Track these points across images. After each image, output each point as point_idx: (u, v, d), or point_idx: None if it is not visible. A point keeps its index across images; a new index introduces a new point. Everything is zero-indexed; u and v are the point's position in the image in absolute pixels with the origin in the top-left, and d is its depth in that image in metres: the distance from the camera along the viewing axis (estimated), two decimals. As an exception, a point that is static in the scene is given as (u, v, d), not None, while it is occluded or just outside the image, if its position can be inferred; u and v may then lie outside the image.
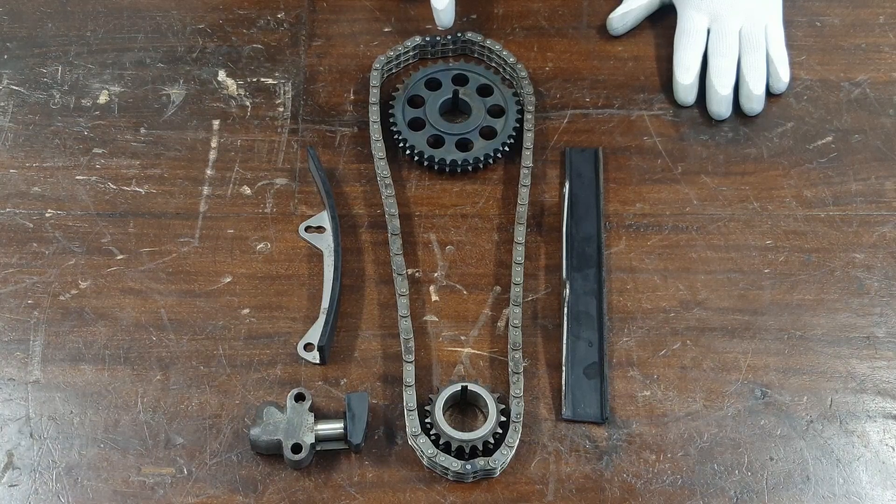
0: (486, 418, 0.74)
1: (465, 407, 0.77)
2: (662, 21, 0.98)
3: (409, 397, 0.75)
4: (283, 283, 0.82)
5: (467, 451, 0.73)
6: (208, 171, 0.88)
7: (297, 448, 0.72)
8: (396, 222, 0.83)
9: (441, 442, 0.73)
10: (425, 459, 0.73)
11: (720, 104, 0.89)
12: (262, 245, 0.84)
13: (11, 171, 0.88)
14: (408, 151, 0.88)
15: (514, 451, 0.74)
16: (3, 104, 0.92)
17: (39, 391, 0.77)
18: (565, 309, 0.80)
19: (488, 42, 0.93)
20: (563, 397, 0.76)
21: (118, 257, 0.83)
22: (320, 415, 0.75)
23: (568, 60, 0.95)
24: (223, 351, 0.79)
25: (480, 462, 0.72)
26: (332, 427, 0.73)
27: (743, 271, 0.83)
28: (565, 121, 0.91)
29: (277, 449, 0.73)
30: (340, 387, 0.78)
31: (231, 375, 0.78)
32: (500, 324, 0.81)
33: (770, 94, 0.91)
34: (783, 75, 0.90)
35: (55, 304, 0.81)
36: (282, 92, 0.93)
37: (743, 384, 0.78)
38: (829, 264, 0.83)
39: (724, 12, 0.91)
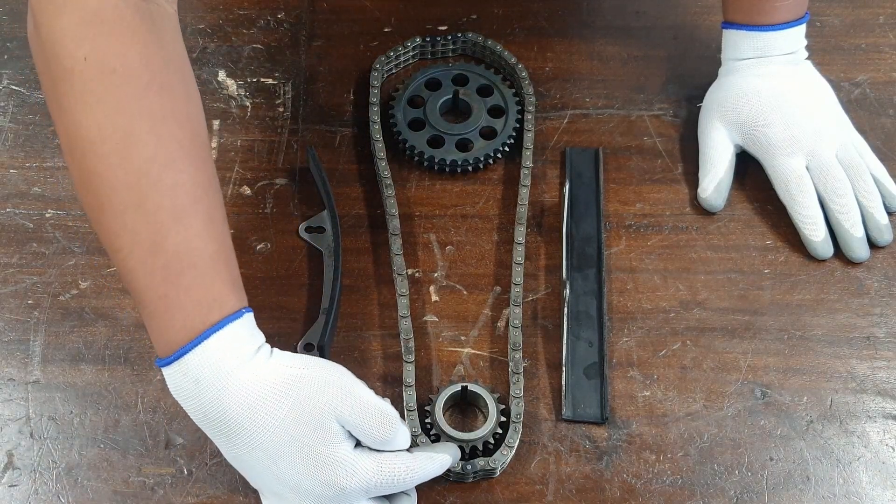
0: (486, 418, 0.74)
1: (465, 407, 0.77)
2: (662, 21, 0.98)
3: (409, 397, 0.75)
4: (283, 283, 0.82)
5: (467, 451, 0.73)
6: (208, 171, 0.88)
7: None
8: (396, 222, 0.83)
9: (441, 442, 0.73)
10: (425, 459, 0.73)
11: (860, 247, 0.82)
12: (262, 245, 0.84)
13: (11, 171, 0.88)
14: (408, 151, 0.88)
15: (514, 452, 0.74)
16: (3, 104, 0.92)
17: (39, 391, 0.77)
18: (565, 309, 0.80)
19: (489, 42, 0.93)
20: (563, 397, 0.76)
21: (118, 257, 0.83)
22: (320, 415, 0.75)
23: (568, 61, 0.95)
24: (223, 351, 0.79)
25: (480, 462, 0.72)
26: (333, 427, 0.73)
27: (743, 271, 0.83)
28: (565, 121, 0.91)
29: (277, 449, 0.73)
30: (340, 387, 0.77)
31: (231, 375, 0.78)
32: (500, 324, 0.81)
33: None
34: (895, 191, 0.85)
35: (55, 304, 0.81)
36: (282, 92, 0.93)
37: (743, 384, 0.78)
38: (830, 264, 0.83)
39: (818, 146, 0.83)
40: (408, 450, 0.68)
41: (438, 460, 0.69)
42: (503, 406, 0.75)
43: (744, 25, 0.85)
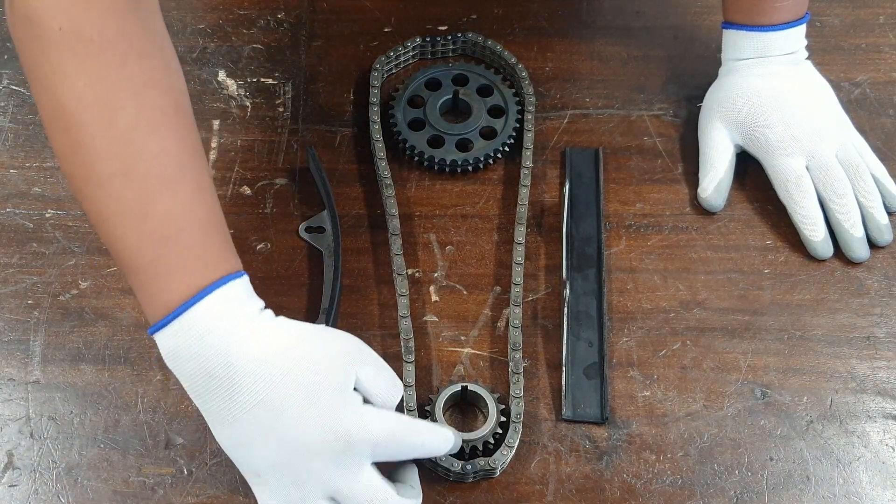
0: (486, 418, 0.74)
1: (465, 407, 0.77)
2: (662, 21, 0.98)
3: (409, 397, 0.75)
4: (283, 283, 0.82)
5: (467, 451, 0.73)
6: (208, 171, 0.88)
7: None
8: (396, 222, 0.83)
9: (441, 442, 0.73)
10: (426, 460, 0.73)
11: (860, 247, 0.82)
12: (262, 245, 0.84)
13: (11, 171, 0.88)
14: (408, 151, 0.88)
15: (514, 452, 0.74)
16: (3, 104, 0.92)
17: (39, 391, 0.77)
18: (565, 309, 0.80)
19: (489, 42, 0.93)
20: (563, 397, 0.76)
21: (118, 257, 0.83)
22: (320, 415, 0.75)
23: (568, 61, 0.95)
24: (223, 351, 0.79)
25: (480, 462, 0.72)
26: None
27: (743, 271, 0.83)
28: (565, 121, 0.91)
29: (277, 449, 0.72)
30: (340, 387, 0.77)
31: (231, 375, 0.78)
32: (500, 324, 0.81)
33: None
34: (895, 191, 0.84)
35: (55, 304, 0.81)
36: (282, 92, 0.93)
37: (743, 384, 0.78)
38: (830, 264, 0.83)
39: (818, 146, 0.83)
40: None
41: (442, 433, 0.68)
42: (503, 406, 0.75)
43: (744, 26, 0.85)
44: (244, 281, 0.65)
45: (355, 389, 0.65)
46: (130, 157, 0.62)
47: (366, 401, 0.66)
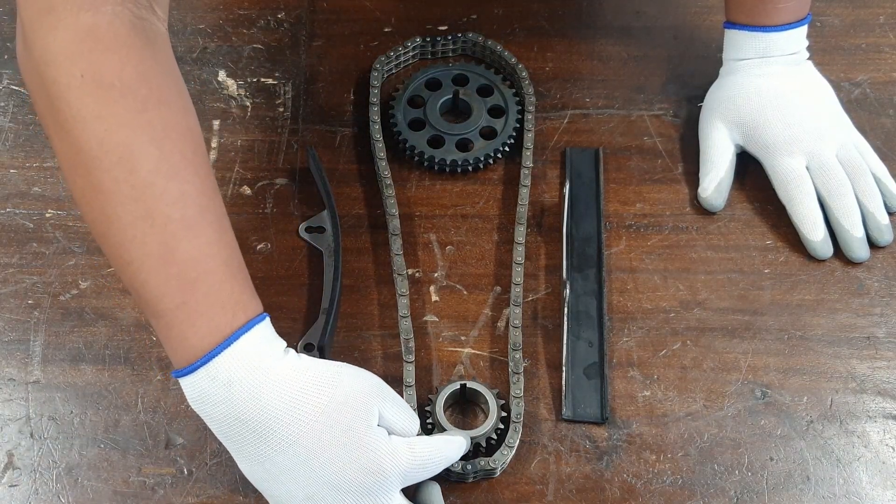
0: (486, 416, 0.74)
1: (465, 406, 0.77)
2: (662, 21, 0.98)
3: (410, 397, 0.75)
4: (283, 284, 0.82)
5: (469, 450, 0.73)
6: (208, 171, 0.88)
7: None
8: (396, 222, 0.83)
9: (441, 442, 0.73)
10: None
11: (860, 247, 0.82)
12: (262, 245, 0.84)
13: (11, 171, 0.88)
14: (408, 151, 0.88)
15: (514, 452, 0.74)
16: (3, 104, 0.92)
17: (39, 391, 0.77)
18: (565, 309, 0.80)
19: (489, 42, 0.93)
20: (563, 397, 0.76)
21: (118, 257, 0.83)
22: (320, 415, 0.75)
23: (568, 61, 0.95)
24: (223, 351, 0.79)
25: (481, 462, 0.72)
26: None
27: (743, 271, 0.83)
28: (565, 121, 0.91)
29: (277, 449, 0.72)
30: (340, 387, 0.77)
31: (231, 375, 0.78)
32: (501, 324, 0.81)
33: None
34: None
35: (55, 304, 0.81)
36: (282, 92, 0.93)
37: (743, 384, 0.78)
38: (829, 264, 0.83)
39: (818, 146, 0.83)
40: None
41: (455, 442, 0.70)
42: (503, 401, 0.75)
43: (746, 26, 0.85)
44: (267, 323, 0.66)
45: (379, 425, 0.66)
46: (153, 201, 0.61)
47: (388, 433, 0.67)
